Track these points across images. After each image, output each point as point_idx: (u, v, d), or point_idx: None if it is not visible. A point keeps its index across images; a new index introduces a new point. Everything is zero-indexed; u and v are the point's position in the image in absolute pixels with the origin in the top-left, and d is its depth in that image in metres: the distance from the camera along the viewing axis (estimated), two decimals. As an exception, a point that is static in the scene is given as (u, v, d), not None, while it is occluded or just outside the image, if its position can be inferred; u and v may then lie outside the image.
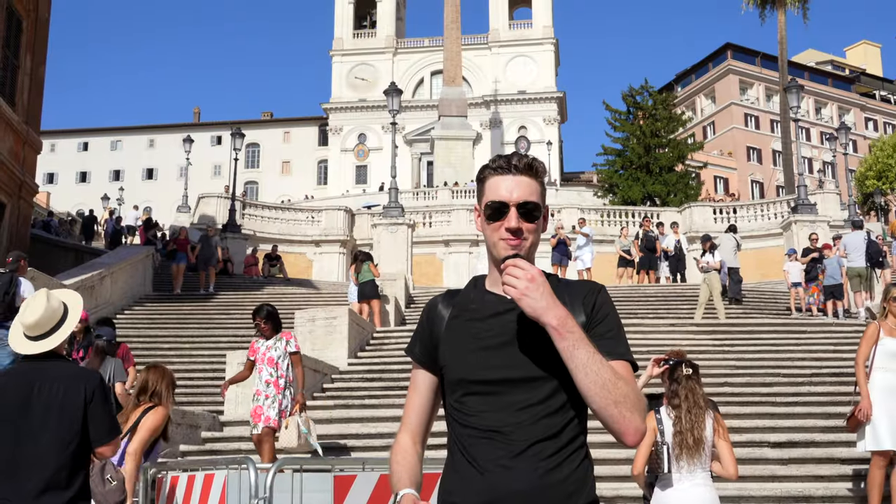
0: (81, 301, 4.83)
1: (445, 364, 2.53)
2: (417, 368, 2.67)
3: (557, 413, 2.41)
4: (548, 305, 2.31)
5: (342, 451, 11.46)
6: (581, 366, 2.29)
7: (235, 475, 6.37)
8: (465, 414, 2.46)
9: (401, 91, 31.25)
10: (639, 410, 2.32)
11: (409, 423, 2.67)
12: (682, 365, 6.05)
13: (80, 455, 4.44)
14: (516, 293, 2.32)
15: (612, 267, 29.13)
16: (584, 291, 2.55)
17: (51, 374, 4.46)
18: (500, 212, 2.49)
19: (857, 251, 20.96)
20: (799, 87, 30.91)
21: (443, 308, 2.62)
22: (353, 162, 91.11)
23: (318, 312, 16.61)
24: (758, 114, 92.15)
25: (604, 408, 2.29)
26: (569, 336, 2.30)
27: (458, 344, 2.51)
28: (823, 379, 14.10)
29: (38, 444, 4.33)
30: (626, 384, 2.32)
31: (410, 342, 2.71)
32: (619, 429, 2.31)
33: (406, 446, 2.64)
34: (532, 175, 2.53)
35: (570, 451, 2.43)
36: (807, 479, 10.27)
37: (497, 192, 2.51)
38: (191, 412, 12.49)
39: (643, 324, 18.27)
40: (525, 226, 2.49)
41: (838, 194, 41.53)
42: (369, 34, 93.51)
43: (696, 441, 5.74)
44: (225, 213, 36.33)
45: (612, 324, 2.50)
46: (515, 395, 2.41)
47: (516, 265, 2.36)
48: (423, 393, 2.65)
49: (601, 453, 10.39)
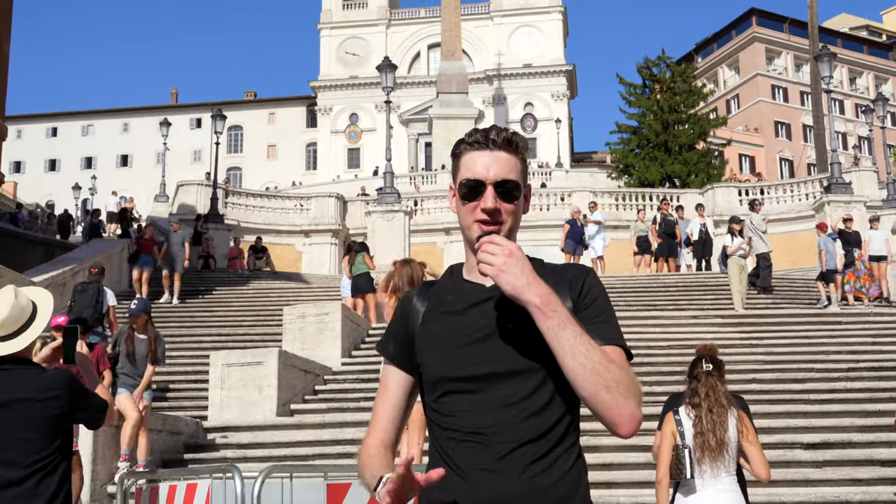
0: (52, 299, 4.73)
1: (422, 362, 2.49)
2: (389, 367, 2.62)
3: (545, 409, 2.37)
4: (528, 282, 2.26)
5: (336, 457, 11.46)
6: (568, 348, 2.23)
7: (220, 484, 6.38)
8: (444, 415, 2.42)
9: (395, 66, 31.24)
10: (634, 396, 2.26)
11: (377, 428, 2.58)
12: (702, 360, 6.02)
13: (58, 453, 4.45)
14: (493, 270, 2.27)
15: (628, 255, 29.08)
16: (570, 274, 2.50)
17: (20, 385, 4.38)
18: (475, 191, 2.44)
19: None
20: (831, 55, 30.84)
21: (418, 301, 2.58)
22: (345, 144, 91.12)
23: (309, 308, 16.59)
24: (786, 85, 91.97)
25: (594, 394, 2.23)
26: (553, 315, 2.25)
27: (435, 339, 2.46)
28: (861, 374, 14.11)
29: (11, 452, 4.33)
30: (619, 368, 2.27)
31: (382, 339, 2.66)
32: (612, 417, 2.24)
33: (376, 449, 2.55)
34: (511, 151, 2.49)
35: (561, 451, 2.38)
36: (843, 483, 10.28)
37: (473, 169, 2.46)
38: (172, 417, 12.51)
39: (663, 316, 18.28)
40: (503, 206, 2.45)
41: (875, 172, 41.36)
42: (360, 5, 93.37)
43: (719, 443, 5.71)
44: (206, 201, 36.30)
45: (601, 307, 2.45)
46: (498, 391, 2.36)
47: (492, 241, 2.31)
48: (394, 395, 2.59)
49: (616, 457, 10.40)
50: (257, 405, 13.17)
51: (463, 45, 78.18)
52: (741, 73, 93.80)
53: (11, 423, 4.32)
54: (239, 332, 19.68)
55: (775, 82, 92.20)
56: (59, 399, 4.40)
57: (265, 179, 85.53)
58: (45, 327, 4.71)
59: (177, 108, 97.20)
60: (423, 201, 41.53)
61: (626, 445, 10.43)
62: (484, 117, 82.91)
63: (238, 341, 18.26)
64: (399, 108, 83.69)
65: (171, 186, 43.08)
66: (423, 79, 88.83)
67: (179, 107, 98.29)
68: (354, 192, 53.63)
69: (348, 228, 39.12)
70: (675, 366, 13.28)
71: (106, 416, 4.70)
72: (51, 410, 4.37)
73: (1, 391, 4.36)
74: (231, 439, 12.58)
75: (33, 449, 4.34)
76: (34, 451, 4.34)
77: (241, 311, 22.46)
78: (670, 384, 12.35)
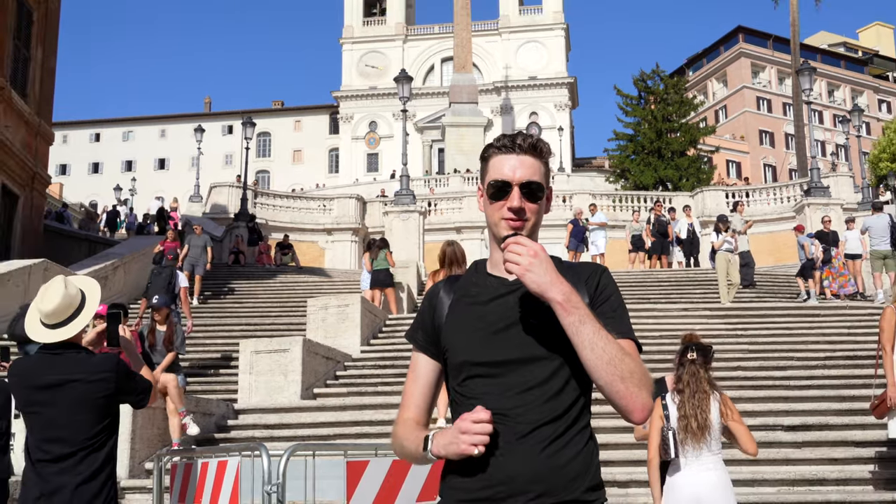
0: (99, 288, 4.72)
1: (448, 347, 2.50)
2: (418, 355, 2.64)
3: (562, 393, 2.39)
4: (552, 281, 2.29)
5: (355, 437, 11.48)
6: (587, 341, 2.27)
7: (249, 462, 6.40)
8: (468, 398, 2.43)
9: (411, 78, 31.19)
10: (646, 387, 2.29)
11: (410, 408, 2.61)
12: (689, 349, 6.04)
13: (106, 432, 4.48)
14: (520, 269, 2.30)
15: (624, 252, 29.09)
16: (586, 273, 2.53)
17: (72, 368, 4.40)
18: (502, 191, 2.47)
19: (881, 233, 20.88)
20: (811, 69, 30.69)
21: (444, 294, 2.60)
22: (365, 150, 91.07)
23: (331, 300, 16.60)
24: (770, 97, 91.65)
25: (610, 384, 2.27)
26: (574, 311, 2.28)
27: (461, 327, 2.48)
28: (837, 362, 14.05)
29: (63, 431, 4.35)
30: (633, 360, 2.31)
31: (411, 328, 2.68)
32: (627, 405, 2.29)
33: (411, 423, 2.59)
34: (536, 155, 2.51)
35: (575, 432, 2.40)
36: (821, 462, 10.26)
37: (500, 170, 2.49)
38: (205, 400, 12.53)
39: (655, 309, 18.22)
40: (528, 206, 2.47)
41: (851, 177, 41.29)
42: (379, 21, 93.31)
43: (700, 426, 5.74)
44: (237, 202, 36.36)
45: (615, 304, 2.48)
46: (519, 376, 2.39)
47: (518, 242, 2.33)
48: (423, 379, 2.61)
49: (613, 438, 10.38)
50: (283, 389, 13.19)
51: (473, 58, 78.11)
52: (729, 85, 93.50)
53: (65, 403, 4.36)
54: (266, 321, 19.70)
55: (760, 94, 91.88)
56: (107, 381, 4.42)
57: (291, 182, 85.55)
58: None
59: (210, 115, 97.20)
60: (437, 202, 41.57)
61: (621, 427, 10.40)
62: (492, 126, 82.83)
63: (265, 330, 18.27)
64: (414, 116, 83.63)
65: (204, 188, 43.15)
66: (437, 90, 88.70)
67: (212, 114, 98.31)
68: (373, 193, 53.64)
69: (367, 227, 39.13)
70: (666, 354, 13.21)
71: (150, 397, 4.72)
72: (100, 391, 4.40)
73: (55, 373, 4.39)
74: (259, 420, 12.60)
75: (83, 427, 4.38)
76: (84, 430, 4.38)
77: (269, 303, 22.48)
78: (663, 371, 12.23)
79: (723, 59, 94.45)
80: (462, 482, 2.41)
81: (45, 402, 4.37)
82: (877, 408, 8.58)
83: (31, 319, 4.51)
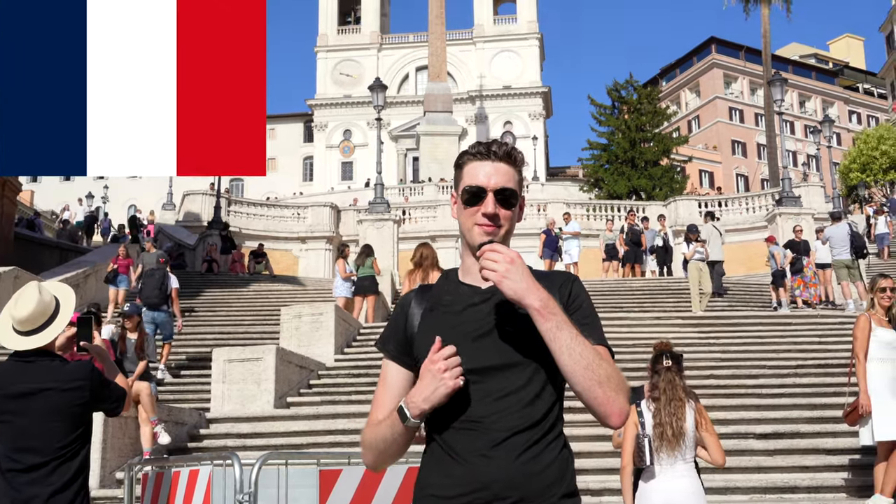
0: (74, 295, 4.66)
1: (421, 357, 2.47)
2: (389, 363, 2.61)
3: (537, 400, 2.39)
4: (529, 287, 2.30)
5: (329, 446, 11.43)
6: (565, 347, 2.28)
7: (220, 471, 6.35)
8: (442, 405, 2.41)
9: (386, 87, 31.21)
10: (623, 391, 2.31)
11: (379, 415, 2.54)
12: (663, 356, 6.06)
13: (79, 441, 4.42)
14: (496, 276, 2.30)
15: (598, 261, 29.21)
16: (559, 281, 2.54)
17: (46, 376, 4.32)
18: (477, 196, 2.48)
19: (841, 243, 21.07)
20: (783, 80, 30.99)
21: (416, 303, 2.60)
22: (339, 158, 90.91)
23: (304, 308, 16.54)
24: (742, 107, 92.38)
25: (588, 388, 2.28)
26: (552, 317, 2.29)
27: (435, 336, 2.46)
28: (808, 371, 14.15)
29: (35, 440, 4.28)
30: (609, 365, 2.33)
31: (382, 337, 2.65)
32: (605, 410, 2.30)
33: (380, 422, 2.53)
34: (510, 163, 2.52)
35: (551, 439, 2.41)
36: (792, 470, 10.33)
37: (475, 177, 2.49)
38: (177, 409, 12.45)
39: (628, 317, 18.30)
40: (501, 212, 2.48)
41: (822, 187, 41.68)
42: (354, 30, 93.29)
43: (676, 433, 5.75)
44: (210, 210, 36.17)
45: (587, 311, 2.50)
46: (494, 383, 2.39)
47: (494, 249, 2.34)
48: (394, 388, 2.57)
49: (587, 446, 10.41)
50: (256, 398, 13.11)
51: (448, 67, 78.16)
52: (701, 95, 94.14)
53: (37, 412, 4.28)
54: (239, 330, 19.60)
55: (732, 105, 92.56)
56: (82, 390, 4.35)
57: (265, 190, 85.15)
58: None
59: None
60: (411, 211, 41.53)
61: (595, 436, 10.44)
62: (467, 135, 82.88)
63: (239, 339, 18.18)
64: (389, 125, 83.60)
65: (177, 196, 42.89)
66: (412, 98, 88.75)
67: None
68: (348, 202, 53.51)
69: (341, 235, 39.06)
70: (640, 363, 13.27)
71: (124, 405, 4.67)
72: (74, 400, 4.33)
73: (28, 382, 4.31)
74: (231, 429, 12.52)
75: (56, 437, 4.30)
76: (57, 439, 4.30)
77: (242, 311, 22.38)
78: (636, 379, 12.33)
79: (695, 70, 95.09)
80: (438, 489, 2.40)
81: (17, 411, 4.28)
82: (849, 415, 8.65)
83: (2, 326, 4.42)
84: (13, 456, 4.28)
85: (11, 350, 4.46)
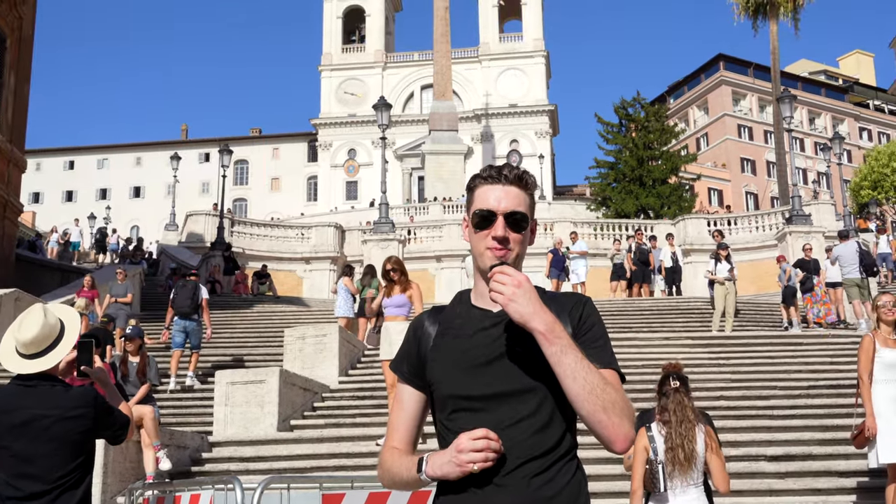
0: (79, 318, 4.59)
1: (433, 381, 2.52)
2: (404, 386, 2.65)
3: (548, 426, 2.41)
4: (535, 311, 2.31)
5: (333, 469, 11.39)
6: (569, 371, 2.29)
7: (222, 495, 6.34)
8: (454, 432, 2.43)
9: (390, 105, 31.30)
10: (628, 417, 2.32)
11: (396, 437, 2.62)
12: (670, 378, 6.01)
13: (81, 469, 4.36)
14: (503, 299, 2.32)
15: (606, 281, 29.13)
16: (570, 303, 2.55)
17: (48, 402, 4.24)
18: (487, 220, 2.50)
19: (850, 262, 21.01)
20: (792, 97, 31.02)
21: (429, 325, 2.62)
22: (343, 178, 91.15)
23: (308, 330, 16.52)
24: (751, 125, 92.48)
25: (592, 413, 2.29)
26: (557, 342, 2.30)
27: (446, 360, 2.50)
28: (820, 391, 14.09)
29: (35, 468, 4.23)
30: (615, 390, 2.33)
31: (396, 360, 2.69)
32: (609, 435, 2.31)
33: (399, 451, 2.59)
34: (521, 186, 2.55)
35: (563, 464, 2.42)
36: (804, 493, 10.26)
37: (486, 201, 2.52)
38: (179, 432, 12.42)
39: (637, 338, 18.25)
40: (512, 235, 2.50)
41: (833, 205, 41.58)
42: (358, 49, 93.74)
43: (688, 456, 5.69)
44: (213, 230, 36.26)
45: (598, 334, 2.50)
46: (505, 410, 2.40)
47: (503, 272, 2.36)
48: (408, 410, 2.62)
49: (596, 469, 10.36)
50: (259, 421, 13.09)
51: (453, 86, 78.49)
52: (710, 113, 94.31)
53: (38, 439, 4.20)
54: (243, 352, 19.58)
55: (741, 122, 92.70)
56: (85, 417, 4.28)
57: (269, 210, 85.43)
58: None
59: (187, 143, 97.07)
60: (417, 231, 41.53)
61: (604, 458, 10.40)
62: (472, 153, 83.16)
63: (242, 361, 18.17)
64: (394, 144, 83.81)
65: (180, 216, 43.05)
66: (417, 117, 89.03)
67: (189, 142, 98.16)
68: (352, 221, 53.60)
69: (346, 256, 39.04)
70: (649, 384, 13.24)
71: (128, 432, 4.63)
72: (76, 427, 4.25)
73: (29, 407, 4.23)
74: (234, 453, 12.48)
75: (57, 464, 4.22)
76: (58, 467, 4.22)
77: (245, 333, 22.37)
78: (645, 401, 12.31)
79: (704, 87, 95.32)
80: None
81: (17, 437, 4.20)
82: (856, 438, 8.60)
83: (6, 348, 4.35)
84: (13, 483, 4.22)
85: (13, 373, 4.43)
